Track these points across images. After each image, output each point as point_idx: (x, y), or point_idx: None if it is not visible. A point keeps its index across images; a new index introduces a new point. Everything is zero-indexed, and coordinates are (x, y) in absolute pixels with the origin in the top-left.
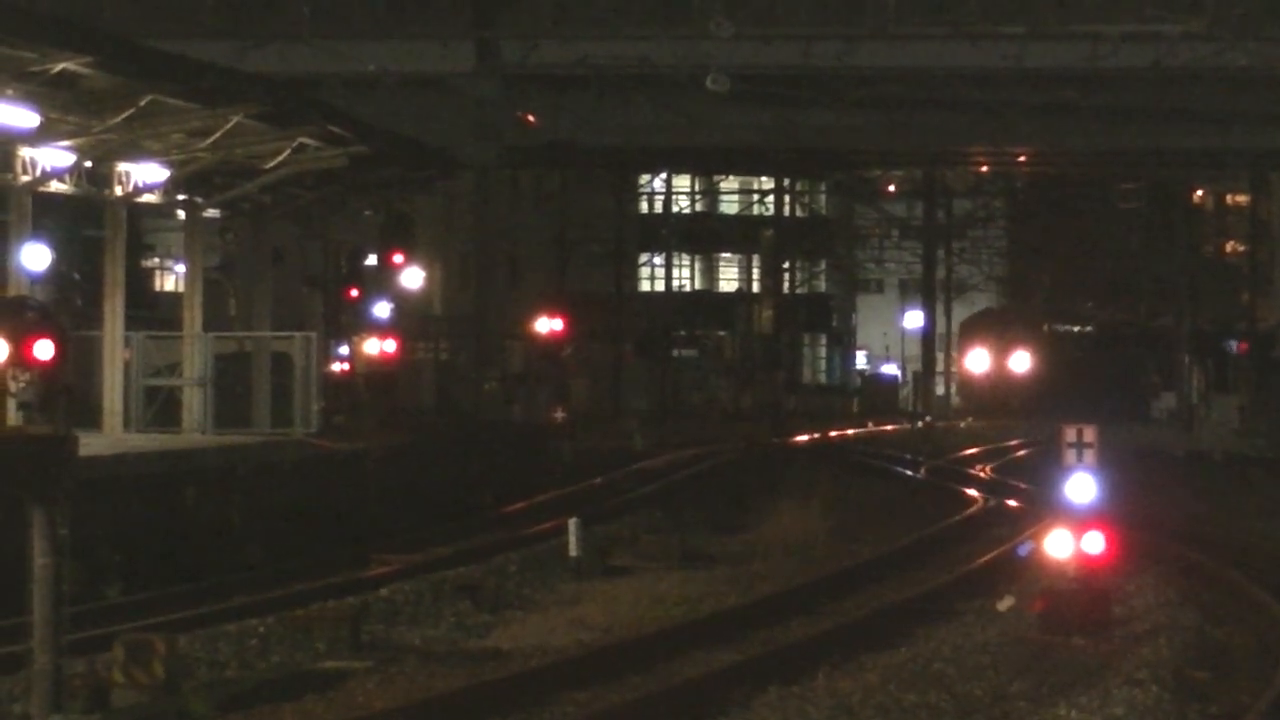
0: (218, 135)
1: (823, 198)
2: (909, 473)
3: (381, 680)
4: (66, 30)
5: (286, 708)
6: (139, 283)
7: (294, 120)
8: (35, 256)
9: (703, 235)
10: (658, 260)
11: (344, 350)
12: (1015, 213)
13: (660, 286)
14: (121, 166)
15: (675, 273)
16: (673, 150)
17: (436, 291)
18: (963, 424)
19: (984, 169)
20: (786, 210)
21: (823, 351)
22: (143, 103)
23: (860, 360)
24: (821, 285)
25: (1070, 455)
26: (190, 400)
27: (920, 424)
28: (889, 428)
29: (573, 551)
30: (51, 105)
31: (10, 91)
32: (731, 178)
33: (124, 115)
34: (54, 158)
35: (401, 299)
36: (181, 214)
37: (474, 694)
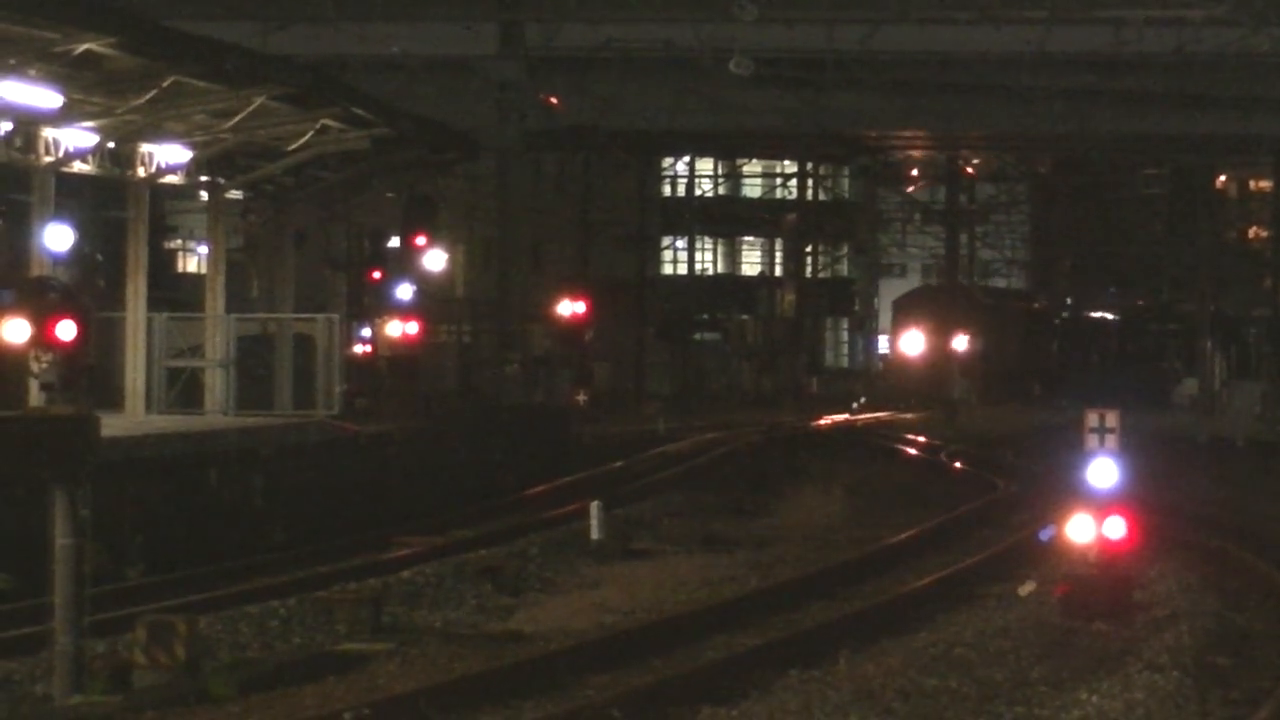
0: (241, 116)
1: (846, 181)
2: (930, 457)
3: (402, 662)
4: (90, 11)
5: (307, 689)
6: (161, 264)
7: (317, 102)
8: (58, 237)
9: (725, 219)
10: (680, 244)
11: (366, 332)
12: (1038, 197)
13: (683, 270)
14: (144, 147)
15: (698, 256)
16: (696, 133)
17: (459, 274)
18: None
19: (1007, 154)
20: (810, 194)
21: (845, 335)
22: (166, 84)
23: (883, 344)
24: (844, 269)
25: (1092, 440)
26: (212, 382)
27: (938, 407)
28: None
29: (594, 535)
30: (74, 86)
31: (33, 72)
32: (755, 161)
33: (147, 96)
34: (77, 138)
35: (424, 281)
36: (204, 195)
37: (495, 676)
